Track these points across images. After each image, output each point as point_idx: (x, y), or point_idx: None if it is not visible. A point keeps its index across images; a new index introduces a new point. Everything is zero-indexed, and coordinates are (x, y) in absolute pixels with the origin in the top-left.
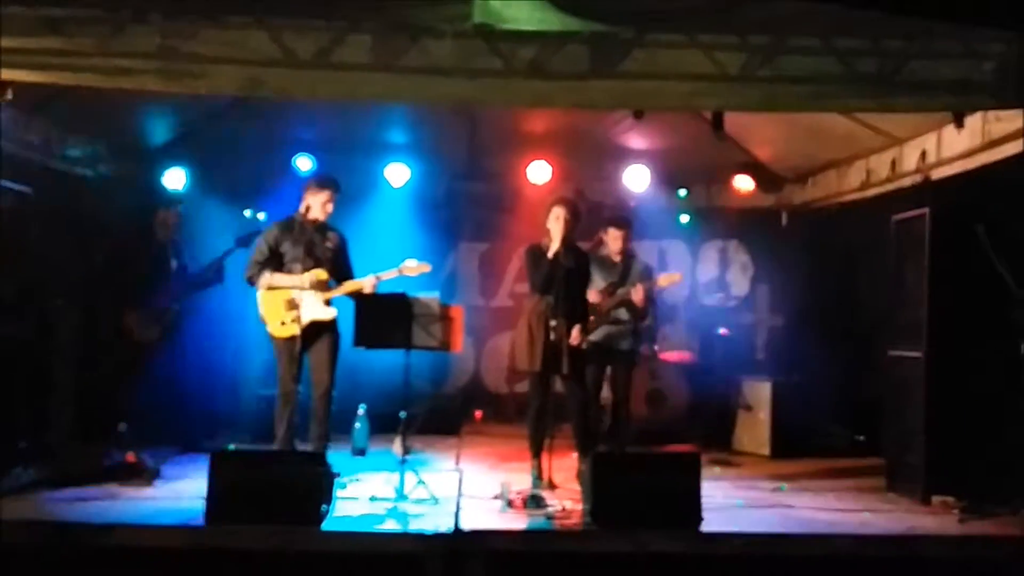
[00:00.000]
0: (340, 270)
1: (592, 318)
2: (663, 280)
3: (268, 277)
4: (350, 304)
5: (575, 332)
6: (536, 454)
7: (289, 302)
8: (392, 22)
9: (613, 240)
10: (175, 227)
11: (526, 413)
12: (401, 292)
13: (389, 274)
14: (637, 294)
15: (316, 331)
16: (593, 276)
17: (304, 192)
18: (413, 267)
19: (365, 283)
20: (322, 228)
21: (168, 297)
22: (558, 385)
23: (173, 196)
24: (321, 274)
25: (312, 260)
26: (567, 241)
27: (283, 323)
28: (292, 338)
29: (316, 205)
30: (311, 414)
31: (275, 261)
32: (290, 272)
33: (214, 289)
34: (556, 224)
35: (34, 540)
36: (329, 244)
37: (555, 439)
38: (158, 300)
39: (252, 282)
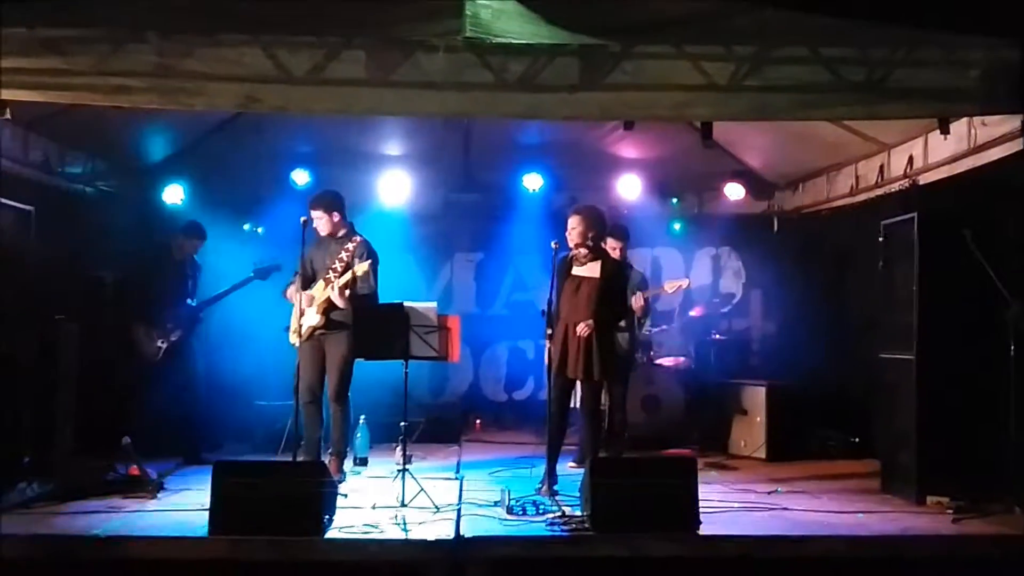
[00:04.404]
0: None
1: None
2: (669, 286)
3: (289, 291)
4: None
5: (581, 325)
6: (550, 456)
7: (299, 312)
8: (384, 37)
9: (611, 250)
10: (195, 252)
11: None
12: (399, 303)
13: (344, 279)
14: (637, 302)
15: (328, 338)
16: None
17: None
18: (359, 267)
19: (329, 293)
20: (343, 238)
21: (180, 315)
22: None
23: (198, 225)
24: (320, 285)
25: (326, 271)
26: (584, 249)
27: (293, 331)
28: (302, 346)
29: (315, 222)
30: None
31: (312, 274)
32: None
33: (215, 303)
34: (569, 235)
35: (39, 554)
36: (344, 254)
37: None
38: (168, 319)
39: (283, 296)
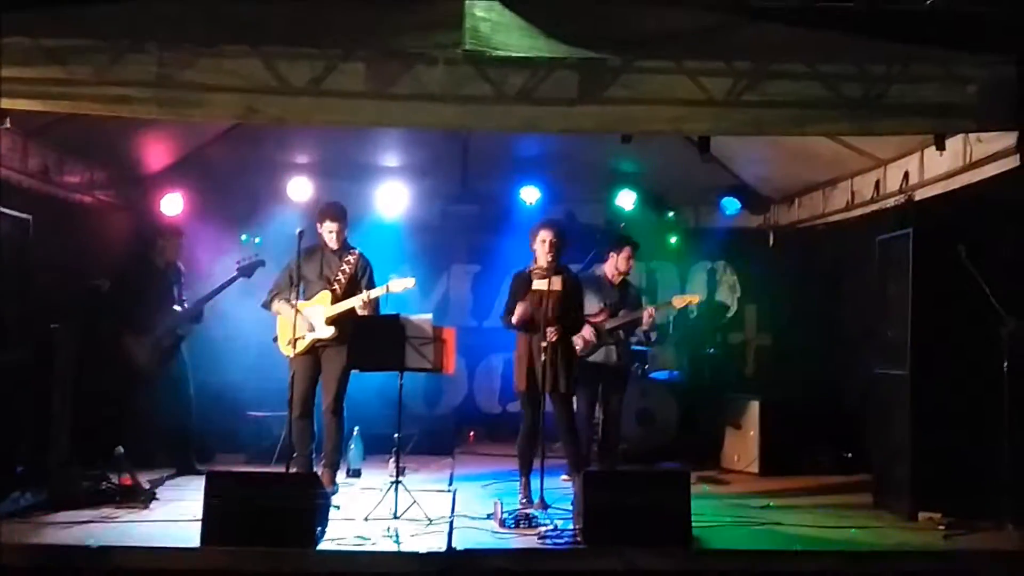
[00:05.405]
0: (357, 290)
1: (591, 340)
2: (678, 301)
3: (277, 304)
4: None
5: (549, 330)
6: (525, 472)
7: (296, 324)
8: (384, 50)
9: (624, 259)
10: (176, 255)
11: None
12: (394, 314)
13: (376, 292)
14: (647, 316)
15: (327, 351)
16: (589, 298)
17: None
18: (398, 283)
19: (355, 303)
20: (341, 251)
21: (168, 323)
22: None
23: (174, 225)
24: (325, 297)
25: (323, 283)
26: (554, 264)
27: (288, 343)
28: (297, 358)
29: (323, 234)
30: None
31: (299, 286)
32: (306, 294)
33: (203, 306)
34: (541, 247)
35: (32, 563)
36: (346, 267)
37: (547, 459)
38: (157, 326)
39: (265, 308)
